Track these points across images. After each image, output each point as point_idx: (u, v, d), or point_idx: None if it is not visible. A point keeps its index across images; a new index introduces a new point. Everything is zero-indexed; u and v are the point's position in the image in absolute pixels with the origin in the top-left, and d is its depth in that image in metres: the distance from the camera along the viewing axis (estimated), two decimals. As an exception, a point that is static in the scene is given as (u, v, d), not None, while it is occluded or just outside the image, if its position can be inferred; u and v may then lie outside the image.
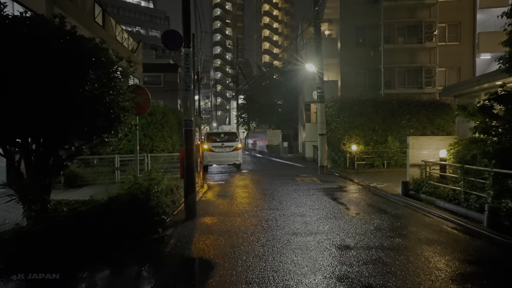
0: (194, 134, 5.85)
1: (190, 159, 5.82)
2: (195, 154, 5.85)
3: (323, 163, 12.62)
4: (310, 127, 19.61)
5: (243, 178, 11.69)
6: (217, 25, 74.00)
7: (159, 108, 13.35)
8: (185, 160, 5.82)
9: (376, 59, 18.61)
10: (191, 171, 5.85)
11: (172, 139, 13.50)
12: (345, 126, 13.54)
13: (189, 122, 5.83)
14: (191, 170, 5.84)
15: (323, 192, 8.49)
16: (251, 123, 34.73)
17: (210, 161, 13.99)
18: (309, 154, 19.20)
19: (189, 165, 5.84)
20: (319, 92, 12.57)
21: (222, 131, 15.13)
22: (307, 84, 19.72)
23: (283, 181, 10.66)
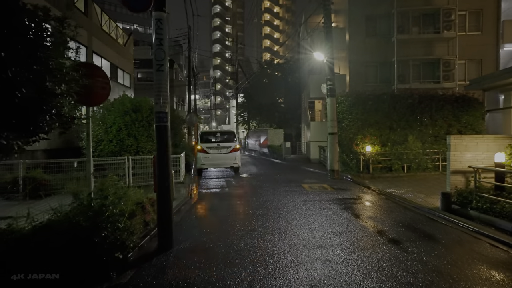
0: (168, 132, 4.18)
1: (164, 166, 4.16)
2: (170, 158, 4.18)
3: (333, 166, 10.95)
4: (316, 126, 17.96)
5: (242, 185, 10.03)
6: (217, 23, 72.37)
7: (146, 103, 11.69)
8: (158, 168, 4.17)
9: (388, 51, 16.94)
10: (166, 182, 4.19)
11: None
12: (358, 124, 11.87)
13: (163, 115, 4.16)
14: (166, 180, 4.18)
15: (339, 205, 6.82)
16: (251, 122, 33.07)
17: (204, 164, 12.34)
18: (314, 155, 17.53)
19: (163, 174, 4.18)
20: (330, 84, 10.89)
21: (218, 130, 13.43)
22: (313, 79, 18.04)
23: (289, 188, 8.99)
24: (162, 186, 4.15)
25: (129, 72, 19.96)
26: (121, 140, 10.76)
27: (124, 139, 10.73)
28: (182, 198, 7.65)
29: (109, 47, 16.56)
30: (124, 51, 19.04)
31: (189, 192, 8.52)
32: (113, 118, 10.88)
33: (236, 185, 9.98)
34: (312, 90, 18.00)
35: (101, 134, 10.87)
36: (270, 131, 22.76)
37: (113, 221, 3.65)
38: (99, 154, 10.63)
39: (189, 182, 10.54)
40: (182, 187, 9.46)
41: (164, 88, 4.19)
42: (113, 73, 17.24)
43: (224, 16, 73.26)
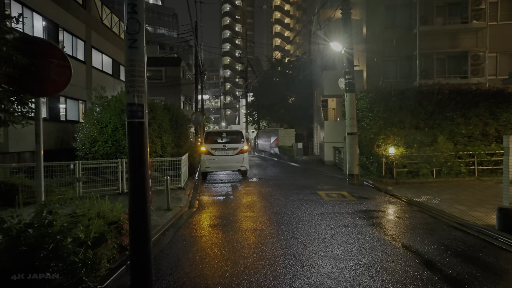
0: (145, 131, 3.07)
1: (139, 177, 3.06)
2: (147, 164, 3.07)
3: (352, 170, 9.72)
4: (330, 126, 16.71)
5: (249, 192, 8.91)
6: (226, 22, 71.51)
7: (145, 101, 10.69)
8: (130, 179, 3.07)
9: (409, 44, 15.55)
10: (142, 199, 3.08)
11: (163, 139, 10.87)
12: (380, 123, 10.61)
13: (137, 109, 3.07)
14: (141, 196, 3.08)
15: (365, 220, 5.63)
16: (261, 122, 31.94)
17: (209, 167, 11.29)
18: (328, 157, 16.28)
19: (138, 187, 3.08)
20: (348, 78, 9.67)
21: (224, 129, 12.38)
22: (327, 76, 16.79)
23: (303, 196, 7.82)
24: (136, 200, 3.06)
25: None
26: (117, 140, 9.80)
27: (121, 139, 9.77)
28: (178, 209, 6.59)
29: (110, 42, 15.71)
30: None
31: (188, 201, 7.45)
32: (109, 116, 9.94)
33: (243, 192, 8.87)
34: (326, 87, 16.75)
35: (96, 134, 9.94)
36: (280, 131, 21.60)
37: (62, 256, 2.58)
38: (94, 156, 9.71)
39: (191, 187, 9.49)
40: (182, 193, 8.40)
41: (140, 73, 3.11)
42: (115, 70, 16.40)
43: (234, 15, 72.33)
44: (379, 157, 10.30)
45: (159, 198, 7.45)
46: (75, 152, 10.12)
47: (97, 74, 14.36)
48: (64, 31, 11.68)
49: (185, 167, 10.54)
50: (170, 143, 11.45)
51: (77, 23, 12.53)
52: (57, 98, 11.34)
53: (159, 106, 11.14)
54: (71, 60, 13.63)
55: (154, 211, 6.37)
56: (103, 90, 11.41)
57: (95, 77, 13.96)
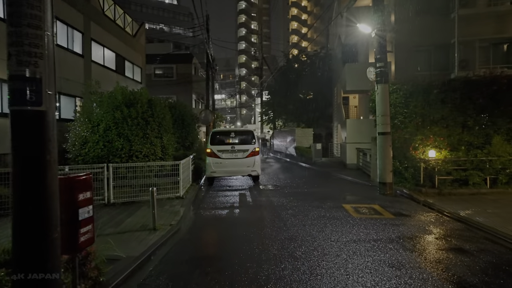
0: (51, 124, 1.62)
1: (31, 206, 1.62)
2: (56, 176, 1.61)
3: (385, 177, 8.04)
4: (352, 125, 15.00)
5: (260, 204, 7.40)
6: (242, 19, 70.24)
7: (144, 96, 9.47)
8: (18, 198, 1.63)
9: (446, 31, 13.57)
10: (36, 237, 1.64)
11: (163, 140, 9.55)
12: (417, 120, 8.86)
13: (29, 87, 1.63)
14: (35, 230, 1.64)
15: (417, 255, 4.01)
16: (277, 121, 30.36)
17: (215, 172, 9.88)
18: (351, 159, 14.56)
19: (30, 214, 1.64)
20: (380, 66, 7.99)
21: (233, 129, 10.91)
22: (350, 69, 15.07)
23: (325, 212, 6.25)
24: (25, 243, 1.63)
25: (139, 65, 18.02)
26: (110, 141, 8.56)
27: (114, 140, 8.52)
28: (167, 229, 5.18)
29: (113, 35, 14.62)
30: (133, 42, 17.09)
31: (183, 217, 6.03)
32: (102, 114, 8.72)
33: (251, 205, 7.38)
34: (349, 81, 15.02)
35: (86, 134, 8.74)
36: (297, 131, 19.98)
37: None
38: (84, 159, 8.52)
39: (191, 197, 8.10)
40: (179, 205, 7.02)
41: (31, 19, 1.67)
42: (119, 65, 15.31)
43: (250, 12, 70.95)
44: (415, 161, 8.56)
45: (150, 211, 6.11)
46: (65, 154, 8.97)
47: (97, 69, 13.28)
48: (58, 20, 10.58)
49: (186, 172, 9.18)
50: (172, 144, 10.11)
51: (73, 12, 11.43)
52: (48, 94, 10.24)
53: (159, 102, 9.81)
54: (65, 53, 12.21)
55: (134, 233, 5.00)
56: (97, 85, 10.28)
57: (95, 72, 12.87)
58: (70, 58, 11.44)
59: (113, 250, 3.86)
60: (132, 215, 6.16)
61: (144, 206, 6.89)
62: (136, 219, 5.84)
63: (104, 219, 5.86)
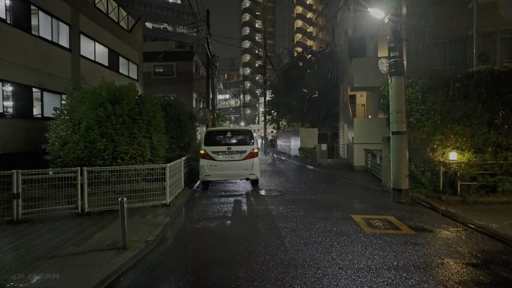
0: None
1: None
2: None
3: (400, 183, 7.03)
4: (360, 124, 13.98)
5: (257, 214, 6.44)
6: (246, 18, 69.29)
7: (131, 92, 8.62)
8: None
9: (463, 21, 12.49)
10: None
11: (153, 140, 8.66)
12: (436, 118, 7.83)
13: None
14: None
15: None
16: (281, 120, 29.36)
17: (209, 175, 8.96)
18: (358, 161, 13.55)
19: None
20: (394, 56, 6.98)
21: (229, 128, 9.92)
22: (358, 64, 14.07)
23: (332, 226, 5.28)
24: None
25: (136, 62, 17.19)
26: (91, 142, 7.70)
27: (96, 140, 7.66)
28: (140, 248, 4.27)
29: (106, 30, 13.80)
30: (129, 37, 16.26)
31: (163, 232, 5.11)
32: (83, 111, 7.87)
33: (246, 216, 6.43)
34: (357, 77, 14.01)
35: (66, 134, 7.90)
36: (301, 131, 18.98)
37: None
38: (63, 161, 7.69)
39: (180, 204, 7.20)
40: (163, 215, 6.11)
41: None
42: (112, 61, 14.48)
43: (254, 11, 69.95)
44: (434, 164, 7.55)
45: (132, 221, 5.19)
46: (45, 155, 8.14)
47: (88, 65, 12.45)
48: (40, 10, 9.77)
49: (176, 176, 8.29)
50: (164, 145, 9.20)
51: (59, 3, 10.61)
52: (28, 91, 9.42)
53: (148, 99, 8.92)
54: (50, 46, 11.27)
55: (98, 253, 4.10)
56: (82, 80, 9.45)
57: (85, 68, 12.04)
58: (56, 52, 10.62)
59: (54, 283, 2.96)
60: (105, 228, 5.26)
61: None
62: (108, 234, 4.94)
63: (70, 233, 4.97)
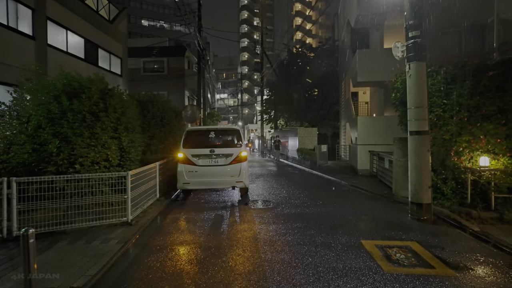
0: None
1: None
2: None
3: (420, 196, 5.62)
4: (365, 124, 12.57)
5: (237, 240, 4.99)
6: (244, 16, 67.87)
7: (94, 83, 7.16)
8: None
9: (480, 7, 11.11)
10: None
11: (123, 141, 7.22)
12: (462, 115, 6.40)
13: None
14: None
15: None
16: (279, 120, 27.94)
17: (188, 183, 7.53)
18: (363, 164, 12.15)
19: None
20: (414, 36, 5.56)
21: (212, 127, 8.32)
22: (361, 56, 12.66)
23: (337, 262, 3.83)
24: None
25: (119, 56, 15.75)
26: (41, 144, 6.28)
27: (48, 142, 6.24)
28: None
29: (81, 17, 12.36)
30: (110, 28, 14.82)
31: (107, 266, 3.67)
32: (33, 107, 6.45)
33: (226, 240, 4.99)
34: (361, 71, 12.60)
35: (12, 134, 6.49)
36: (300, 131, 17.57)
37: None
38: (6, 168, 6.26)
39: (146, 222, 5.76)
40: (116, 240, 4.67)
41: None
42: (89, 53, 13.04)
43: (252, 8, 68.52)
44: (459, 171, 6.15)
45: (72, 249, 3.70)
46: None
47: (57, 55, 11.01)
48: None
49: (147, 185, 6.87)
50: (137, 147, 7.76)
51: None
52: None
53: (117, 93, 7.47)
54: (6, 32, 9.40)
55: None
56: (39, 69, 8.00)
57: (54, 59, 10.61)
58: (14, 39, 9.18)
59: None
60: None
61: (65, 240, 4.60)
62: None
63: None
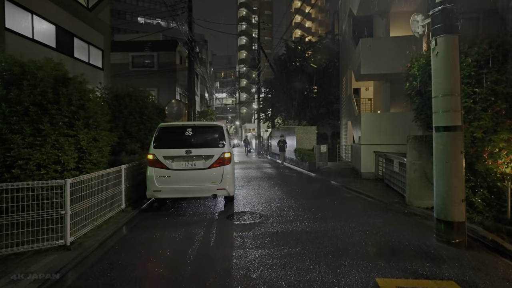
0: None
1: None
2: None
3: (451, 213, 4.28)
4: (370, 121, 11.25)
5: (210, 276, 3.66)
6: (242, 13, 66.53)
7: (42, 68, 5.80)
8: None
9: (501, -10, 9.78)
10: None
11: (81, 140, 5.90)
12: (499, 106, 5.08)
13: None
14: None
15: None
16: (276, 118, 26.62)
17: (160, 191, 6.18)
18: (367, 167, 10.84)
19: None
20: (441, 2, 4.23)
21: (190, 123, 6.80)
22: (365, 45, 11.33)
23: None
24: None
25: (100, 47, 14.39)
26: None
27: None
28: None
29: (52, 1, 11.00)
30: (89, 16, 13.47)
31: None
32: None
33: (188, 276, 3.65)
34: (365, 63, 11.28)
35: None
36: (298, 130, 16.23)
37: None
38: None
39: (92, 245, 4.41)
40: (38, 274, 3.29)
41: None
42: (63, 42, 11.68)
43: (251, 6, 67.18)
44: (494, 178, 4.85)
45: None
46: None
47: (20, 42, 9.66)
48: None
49: (108, 193, 5.53)
50: (101, 147, 6.42)
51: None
52: None
53: (74, 82, 6.12)
54: None
55: None
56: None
57: (15, 46, 9.24)
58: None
59: None
60: None
61: None
62: None
63: None
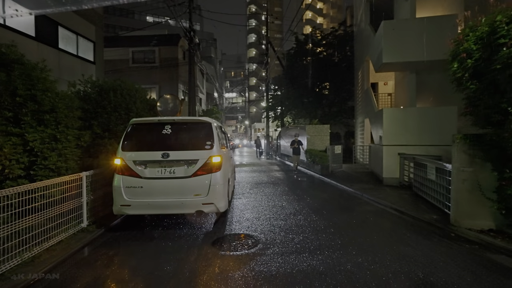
0: None
1: None
2: None
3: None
4: (393, 117, 9.61)
5: None
6: (252, 10, 65.12)
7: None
8: None
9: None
10: None
11: (29, 139, 4.50)
12: None
13: None
14: None
15: None
16: (285, 117, 25.07)
17: (129, 206, 4.77)
18: (390, 171, 9.24)
19: None
20: None
21: (169, 118, 5.38)
22: (388, 28, 9.68)
23: None
24: None
25: (91, 39, 13.18)
26: None
27: None
28: None
29: (30, -15, 9.81)
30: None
31: None
32: None
33: None
34: (388, 49, 9.65)
35: None
36: (309, 128, 14.67)
37: None
38: None
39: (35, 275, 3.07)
40: None
41: None
42: (44, 31, 10.49)
43: (261, 2, 65.67)
44: None
45: None
46: None
47: (-10, 29, 8.47)
48: None
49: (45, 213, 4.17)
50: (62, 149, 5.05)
51: None
52: None
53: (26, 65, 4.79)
54: None
55: None
56: None
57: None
58: None
59: None
60: None
61: None
62: None
63: None
